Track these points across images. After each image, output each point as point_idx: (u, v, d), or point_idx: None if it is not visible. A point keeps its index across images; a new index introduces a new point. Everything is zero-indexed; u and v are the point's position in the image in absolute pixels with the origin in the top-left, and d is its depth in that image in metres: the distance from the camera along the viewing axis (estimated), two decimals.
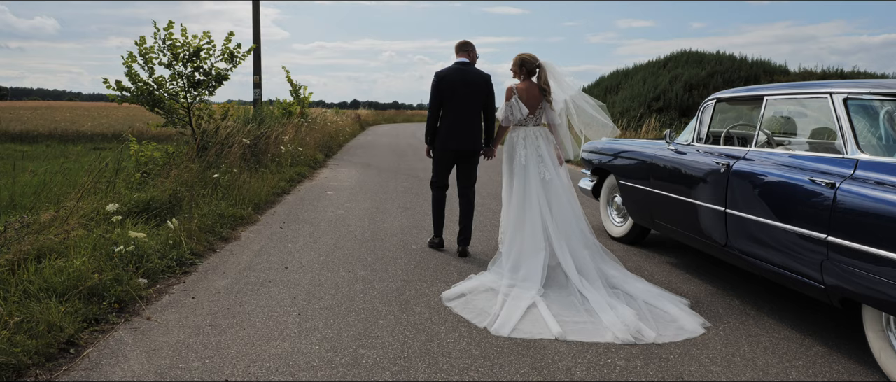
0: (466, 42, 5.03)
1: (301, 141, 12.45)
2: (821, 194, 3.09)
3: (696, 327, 3.45)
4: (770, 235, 3.46)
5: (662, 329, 3.38)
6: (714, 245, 4.08)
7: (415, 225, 6.26)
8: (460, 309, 3.68)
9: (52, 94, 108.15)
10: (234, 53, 8.83)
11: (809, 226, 3.13)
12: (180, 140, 8.74)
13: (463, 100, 4.87)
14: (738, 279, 4.49)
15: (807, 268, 3.19)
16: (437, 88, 4.90)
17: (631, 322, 3.39)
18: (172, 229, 4.55)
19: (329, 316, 3.56)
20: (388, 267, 4.63)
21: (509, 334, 3.30)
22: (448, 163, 5.04)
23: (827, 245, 3.01)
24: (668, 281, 4.39)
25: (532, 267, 4.06)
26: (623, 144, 5.78)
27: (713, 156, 4.19)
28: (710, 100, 4.60)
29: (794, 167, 3.39)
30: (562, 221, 4.31)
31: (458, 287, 4.05)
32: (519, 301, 3.69)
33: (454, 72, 4.90)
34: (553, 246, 4.18)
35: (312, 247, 5.22)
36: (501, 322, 3.42)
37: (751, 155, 3.85)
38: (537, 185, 4.39)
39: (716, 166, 4.03)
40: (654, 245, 5.56)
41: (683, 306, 3.78)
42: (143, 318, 3.43)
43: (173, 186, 6.31)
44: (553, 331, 3.31)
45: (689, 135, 4.71)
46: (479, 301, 3.77)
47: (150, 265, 4.09)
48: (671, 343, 3.25)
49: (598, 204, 6.24)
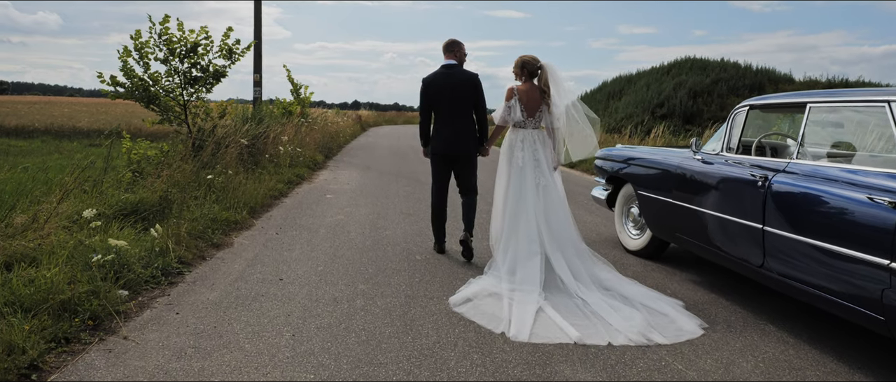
0: (453, 41, 4.92)
1: (300, 141, 12.11)
2: (882, 214, 2.74)
3: (694, 328, 3.48)
4: (818, 258, 3.12)
5: (663, 331, 3.39)
6: (747, 265, 3.74)
7: (418, 232, 5.92)
8: (471, 314, 3.60)
9: (53, 89, 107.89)
10: (232, 49, 8.50)
11: (868, 250, 2.79)
12: (176, 138, 8.40)
13: (451, 104, 4.83)
14: (773, 299, 4.14)
15: (863, 297, 2.85)
16: (425, 94, 4.90)
17: (641, 325, 3.40)
18: (157, 236, 4.19)
19: (326, 337, 3.22)
20: (391, 280, 4.28)
21: (528, 339, 3.25)
22: (441, 166, 4.98)
23: (890, 271, 2.67)
24: (693, 300, 4.05)
25: (529, 270, 4.04)
26: (642, 152, 5.45)
27: (748, 167, 3.85)
28: (741, 107, 4.26)
29: (848, 182, 3.05)
30: (556, 228, 4.28)
31: (463, 291, 3.97)
32: (525, 305, 3.65)
33: (440, 76, 4.86)
34: (548, 253, 4.15)
35: (310, 256, 4.87)
36: (517, 327, 3.37)
37: (793, 167, 3.51)
38: (533, 190, 4.35)
39: (752, 179, 3.69)
40: (673, 260, 5.21)
41: (680, 308, 3.80)
42: (120, 337, 3.08)
43: (165, 187, 5.97)
44: (571, 336, 3.28)
45: (717, 144, 4.38)
46: (486, 305, 3.72)
47: (131, 275, 3.74)
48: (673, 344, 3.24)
49: (613, 215, 5.90)
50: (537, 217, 4.26)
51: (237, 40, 8.50)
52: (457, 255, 5.06)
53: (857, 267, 2.86)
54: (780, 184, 3.47)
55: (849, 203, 2.96)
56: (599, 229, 6.39)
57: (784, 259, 3.39)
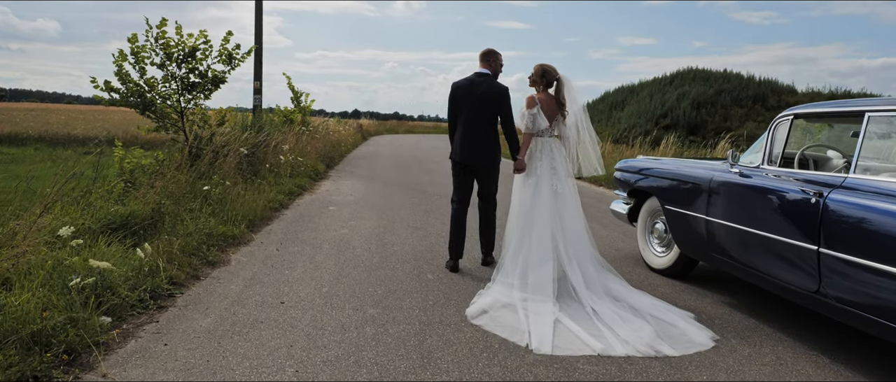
0: (489, 51, 4.85)
1: (302, 150, 11.75)
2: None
3: (705, 340, 3.41)
4: (888, 286, 2.76)
5: (673, 343, 3.33)
6: (798, 290, 3.38)
7: (428, 249, 5.55)
8: (490, 326, 3.52)
9: (51, 97, 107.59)
10: (232, 54, 8.16)
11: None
12: (173, 147, 8.04)
13: (473, 113, 4.71)
14: (821, 324, 3.78)
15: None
16: (451, 100, 4.83)
17: (650, 337, 3.35)
18: (145, 257, 3.81)
19: (334, 372, 2.85)
20: (403, 304, 3.91)
21: (552, 352, 3.17)
22: (461, 175, 4.84)
23: None
24: (735, 326, 3.68)
25: (541, 276, 4.00)
26: (669, 164, 5.09)
27: (797, 182, 3.50)
28: (784, 116, 3.91)
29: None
30: (572, 236, 4.24)
31: (478, 303, 3.88)
32: (540, 316, 3.60)
33: (465, 83, 4.78)
34: (562, 260, 4.12)
35: (313, 276, 4.50)
36: (538, 339, 3.31)
37: (852, 182, 3.16)
38: (549, 196, 4.32)
39: (803, 195, 3.33)
40: (702, 279, 4.85)
41: (691, 319, 3.73)
42: (98, 375, 2.70)
43: (158, 199, 5.61)
44: (595, 348, 3.23)
45: (756, 157, 4.03)
46: (503, 317, 3.64)
47: (116, 300, 3.37)
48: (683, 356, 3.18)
49: (629, 229, 5.54)
50: (553, 223, 4.23)
51: (237, 45, 8.17)
52: (471, 274, 4.70)
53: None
54: (837, 202, 3.11)
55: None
56: (617, 244, 6.03)
57: (845, 284, 3.04)
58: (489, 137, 4.74)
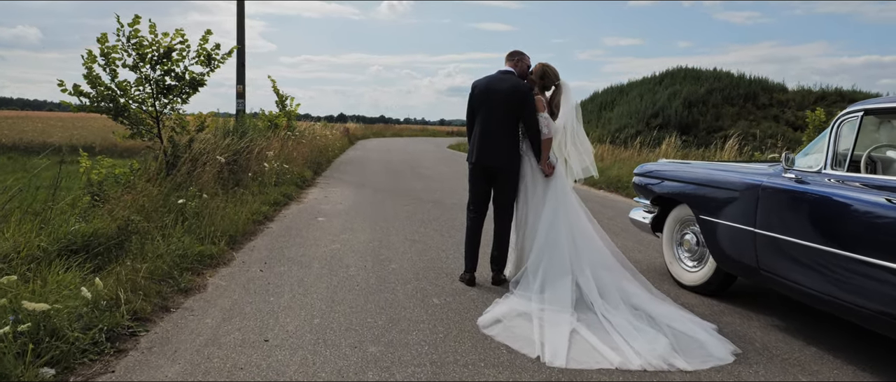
0: (515, 51, 4.57)
1: (287, 156, 11.12)
2: None
3: (725, 354, 3.22)
4: None
5: (689, 356, 3.16)
6: (881, 316, 2.85)
7: (430, 265, 4.97)
8: (503, 337, 3.37)
9: (33, 104, 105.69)
10: (211, 55, 7.50)
11: None
12: (148, 155, 7.39)
13: (488, 113, 4.39)
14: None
15: None
16: (470, 98, 4.54)
17: (664, 350, 3.18)
18: (90, 297, 3.13)
19: None
20: (409, 339, 3.33)
21: (566, 364, 3.03)
22: (478, 180, 4.48)
23: None
24: (799, 359, 3.14)
25: (560, 289, 3.86)
26: (701, 168, 4.55)
27: (875, 190, 2.97)
28: (851, 113, 3.37)
29: None
30: (581, 242, 4.11)
31: (492, 311, 3.72)
32: (556, 326, 3.45)
33: (484, 81, 4.48)
34: (574, 270, 3.99)
35: (302, 303, 3.90)
36: (552, 351, 3.15)
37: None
38: (565, 203, 4.21)
39: (888, 206, 2.80)
40: (741, 297, 4.31)
41: (712, 331, 3.51)
42: None
43: (126, 214, 4.98)
44: (613, 361, 3.08)
45: (816, 159, 3.50)
46: (517, 327, 3.49)
47: (61, 347, 2.75)
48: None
49: (647, 238, 4.99)
50: (565, 231, 4.11)
51: (217, 45, 7.52)
52: (482, 296, 4.13)
53: None
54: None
55: None
56: (634, 255, 5.46)
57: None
58: (508, 137, 4.33)
